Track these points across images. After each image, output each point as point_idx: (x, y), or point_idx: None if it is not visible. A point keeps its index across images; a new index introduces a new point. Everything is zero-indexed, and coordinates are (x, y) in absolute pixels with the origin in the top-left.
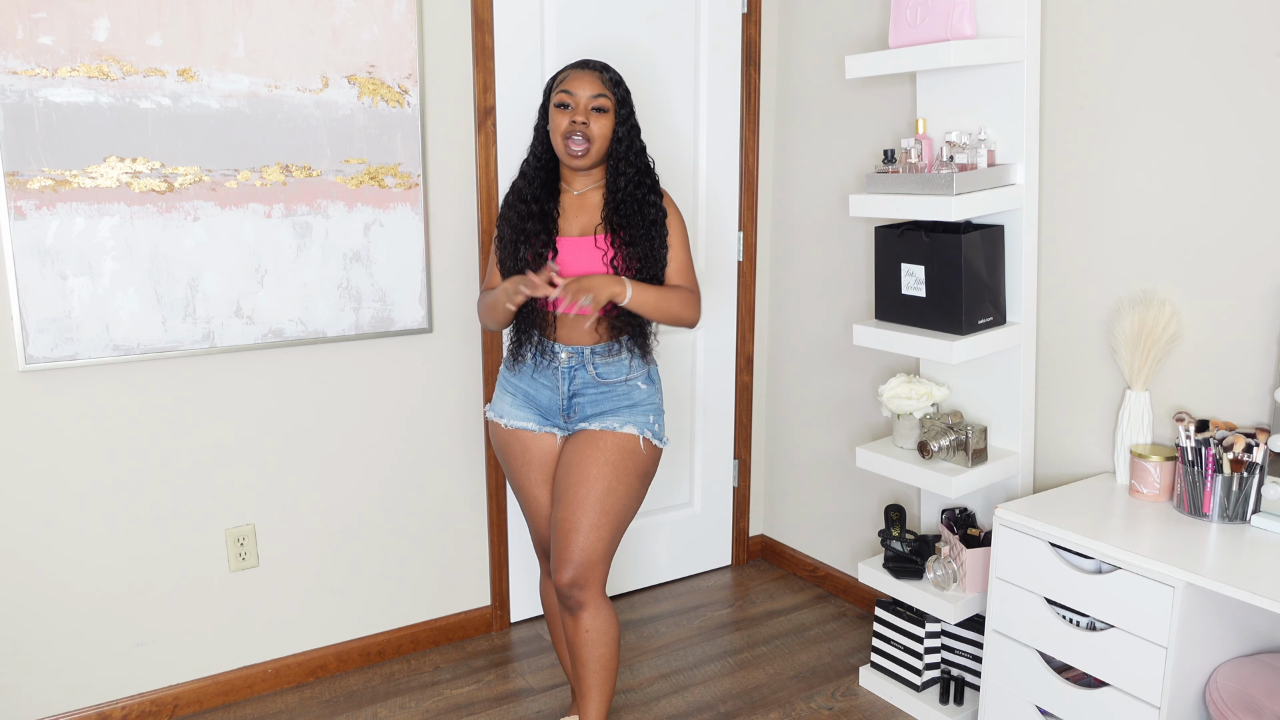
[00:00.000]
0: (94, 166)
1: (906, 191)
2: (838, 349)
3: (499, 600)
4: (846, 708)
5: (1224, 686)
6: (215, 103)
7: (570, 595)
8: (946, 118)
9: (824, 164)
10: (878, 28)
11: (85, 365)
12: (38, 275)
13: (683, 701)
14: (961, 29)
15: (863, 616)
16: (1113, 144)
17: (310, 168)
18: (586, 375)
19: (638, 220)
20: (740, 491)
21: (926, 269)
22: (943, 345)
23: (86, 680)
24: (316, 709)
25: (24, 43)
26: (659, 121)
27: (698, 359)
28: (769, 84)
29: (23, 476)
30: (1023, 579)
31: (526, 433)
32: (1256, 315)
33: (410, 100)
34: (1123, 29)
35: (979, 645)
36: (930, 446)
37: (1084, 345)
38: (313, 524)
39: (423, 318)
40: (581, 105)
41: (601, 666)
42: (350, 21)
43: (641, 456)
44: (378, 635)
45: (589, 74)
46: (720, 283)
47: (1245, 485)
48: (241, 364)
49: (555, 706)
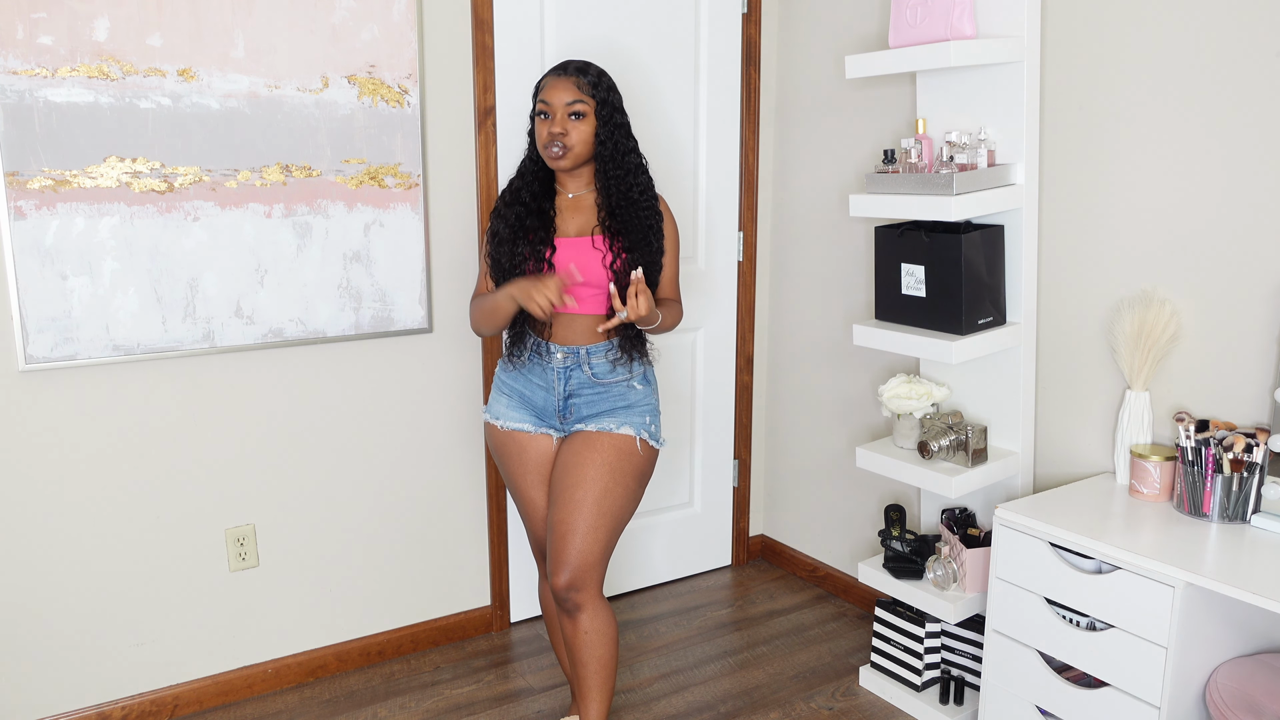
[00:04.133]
0: (94, 166)
1: (906, 191)
2: (838, 349)
3: (499, 600)
4: (846, 708)
5: (1224, 686)
6: (215, 103)
7: (567, 598)
8: (946, 118)
9: (824, 164)
10: (878, 28)
11: (85, 365)
12: (38, 275)
13: (683, 701)
14: (961, 29)
15: (863, 616)
16: (1113, 144)
17: (310, 168)
18: (582, 376)
19: (635, 224)
20: (740, 491)
21: (926, 269)
22: (942, 345)
23: (86, 680)
24: (316, 709)
25: (24, 43)
26: (659, 122)
27: (698, 359)
28: (769, 84)
29: (22, 476)
30: (1023, 579)
31: (522, 434)
32: (1256, 315)
33: (410, 100)
34: (1123, 29)
35: (979, 645)
36: (930, 446)
37: (1084, 345)
38: (313, 524)
39: (423, 318)
40: (558, 114)
41: (601, 667)
42: (350, 21)
43: (638, 457)
44: (377, 635)
45: (564, 80)
46: (720, 283)
47: (1245, 485)
48: (241, 364)
49: (555, 706)
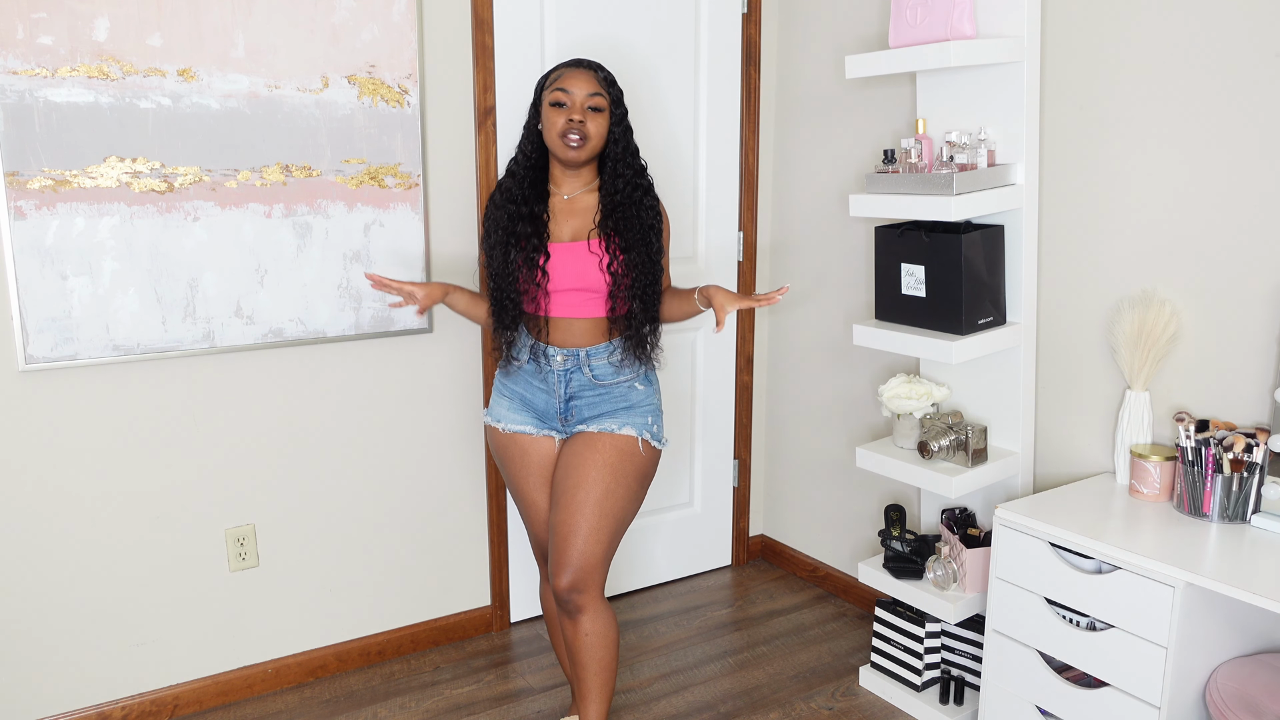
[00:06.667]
0: (94, 166)
1: (906, 191)
2: (838, 349)
3: (499, 600)
4: (846, 708)
5: (1224, 686)
6: (215, 103)
7: (569, 599)
8: (946, 118)
9: (824, 164)
10: (878, 28)
11: (85, 365)
12: (38, 275)
13: (683, 701)
14: (961, 29)
15: (863, 616)
16: (1113, 144)
17: (310, 168)
18: (583, 377)
19: (634, 224)
20: (740, 491)
21: (926, 269)
22: (942, 345)
23: (86, 680)
24: (316, 709)
25: (24, 43)
26: (659, 121)
27: (698, 359)
28: (769, 84)
29: (22, 477)
30: (1023, 579)
31: (524, 436)
32: (1256, 315)
33: (410, 100)
34: (1122, 29)
35: (979, 645)
36: (930, 446)
37: (1084, 345)
38: (313, 524)
39: (423, 318)
40: (578, 104)
41: (601, 669)
42: (350, 21)
43: (640, 458)
44: (378, 635)
45: (584, 73)
46: (720, 283)
47: (1245, 485)
48: (242, 364)
49: (555, 706)
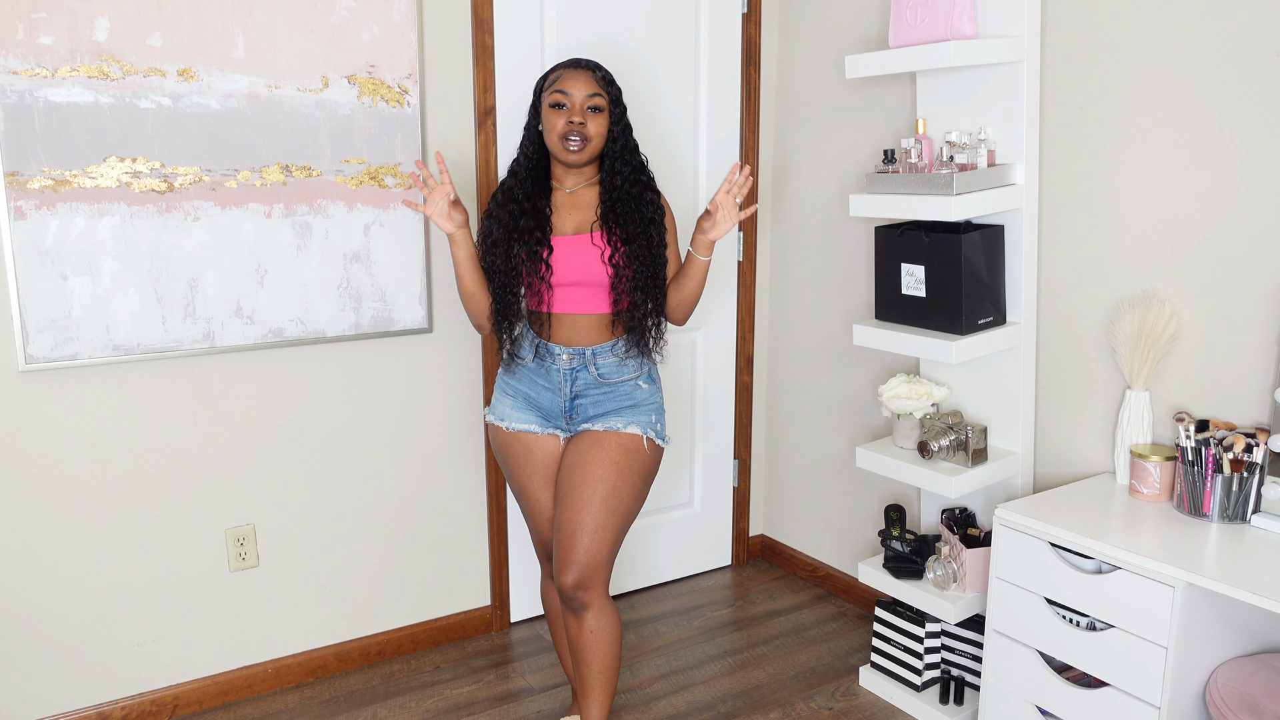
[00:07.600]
0: (94, 166)
1: (906, 191)
2: (838, 349)
3: (499, 600)
4: (846, 708)
5: (1224, 686)
6: (215, 103)
7: (575, 597)
8: (946, 118)
9: (824, 164)
10: (878, 28)
11: (85, 365)
12: (38, 275)
13: (683, 701)
14: (961, 29)
15: (863, 616)
16: (1113, 144)
17: (310, 168)
18: (588, 376)
19: (634, 217)
20: (740, 491)
21: (926, 269)
22: (942, 345)
23: (86, 680)
24: (316, 709)
25: (24, 43)
26: (659, 121)
27: (698, 359)
28: (769, 84)
29: (23, 477)
30: (1023, 579)
31: (529, 435)
32: (1256, 315)
33: (410, 100)
34: (1123, 29)
35: (979, 645)
36: (930, 446)
37: (1084, 345)
38: (313, 524)
39: (423, 318)
40: (578, 105)
41: (604, 667)
42: (350, 21)
43: (645, 456)
44: (378, 635)
45: (583, 73)
46: (720, 283)
47: (1245, 485)
48: (241, 364)
49: (555, 706)
